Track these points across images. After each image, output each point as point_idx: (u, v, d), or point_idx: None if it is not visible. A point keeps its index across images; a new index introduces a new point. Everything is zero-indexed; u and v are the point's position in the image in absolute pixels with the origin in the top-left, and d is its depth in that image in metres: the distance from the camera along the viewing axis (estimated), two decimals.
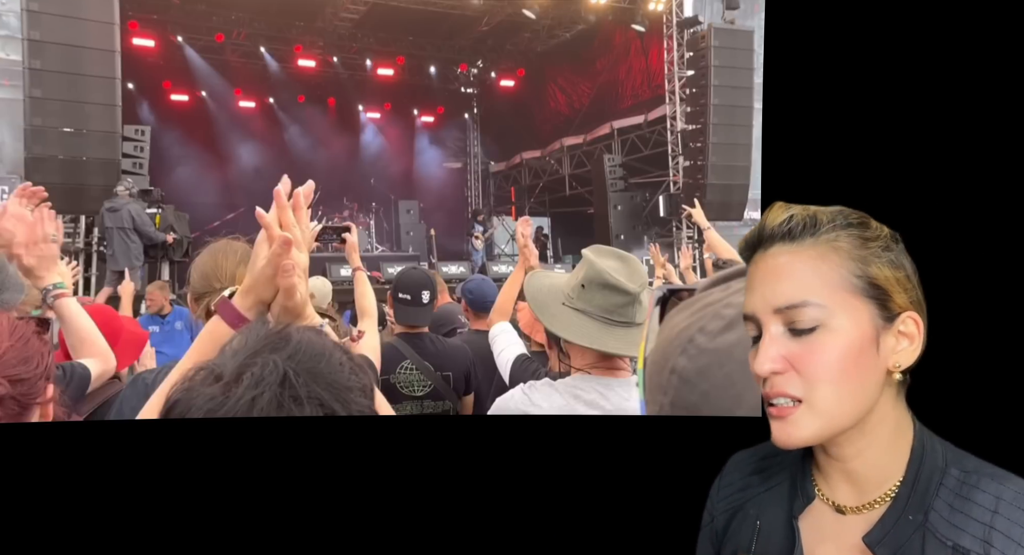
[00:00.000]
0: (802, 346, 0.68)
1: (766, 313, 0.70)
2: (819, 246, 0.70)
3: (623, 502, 1.16)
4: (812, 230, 0.70)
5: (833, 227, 0.70)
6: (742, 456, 0.87)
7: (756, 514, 0.80)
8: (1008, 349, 0.85)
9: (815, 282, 0.69)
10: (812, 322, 0.68)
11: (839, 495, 0.74)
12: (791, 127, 0.88)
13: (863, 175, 0.84)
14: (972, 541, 0.67)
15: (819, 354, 0.68)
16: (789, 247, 0.71)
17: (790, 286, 0.69)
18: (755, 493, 0.82)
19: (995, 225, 0.84)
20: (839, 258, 0.69)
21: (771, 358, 0.68)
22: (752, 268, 0.74)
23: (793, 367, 0.68)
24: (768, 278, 0.71)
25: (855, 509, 0.73)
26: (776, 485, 0.81)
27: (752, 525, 0.80)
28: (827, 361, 0.68)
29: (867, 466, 0.72)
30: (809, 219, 0.71)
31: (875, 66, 0.86)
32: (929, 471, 0.71)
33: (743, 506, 0.83)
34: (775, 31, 0.89)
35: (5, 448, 1.06)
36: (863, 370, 0.69)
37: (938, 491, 0.70)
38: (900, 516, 0.70)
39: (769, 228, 0.72)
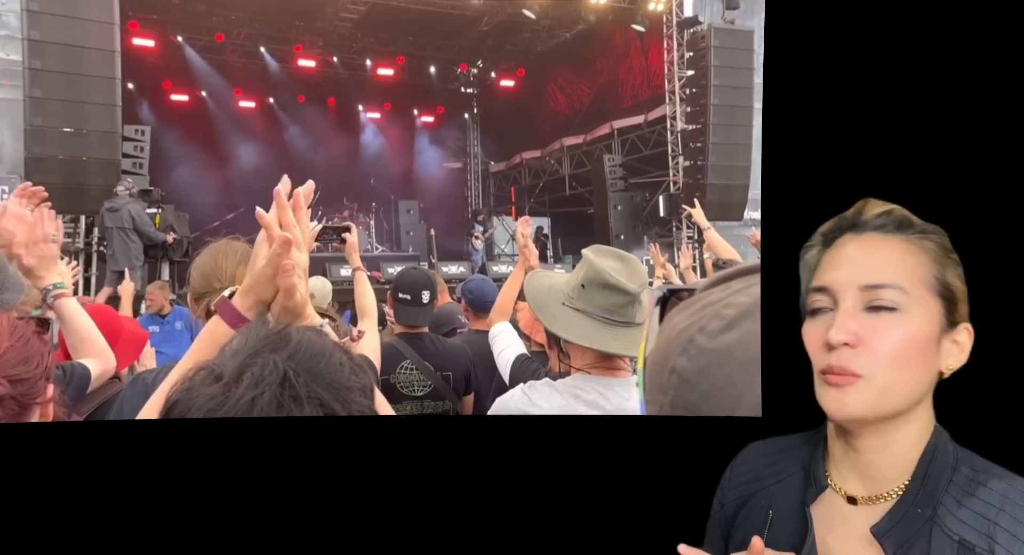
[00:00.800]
0: (877, 323, 0.71)
1: (850, 288, 0.73)
2: (908, 242, 0.74)
3: (623, 502, 1.16)
4: (905, 229, 0.75)
5: (923, 231, 0.75)
6: (755, 447, 0.89)
7: (767, 504, 0.82)
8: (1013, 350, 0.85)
9: (901, 269, 0.73)
10: (892, 303, 0.71)
11: (851, 486, 0.77)
12: (791, 127, 0.88)
13: (863, 175, 0.84)
14: (977, 536, 0.68)
15: (892, 334, 0.71)
16: (883, 236, 0.75)
17: (880, 267, 0.73)
18: (767, 484, 0.84)
19: (996, 225, 0.84)
20: (925, 257, 0.74)
21: (847, 330, 0.71)
22: (837, 248, 0.77)
23: (863, 342, 0.71)
24: (859, 256, 0.75)
25: (866, 500, 0.75)
26: (789, 476, 0.83)
27: (764, 514, 0.82)
28: (897, 342, 0.71)
29: (886, 460, 0.75)
30: (904, 220, 0.75)
31: (876, 66, 0.86)
32: (940, 468, 0.73)
33: (754, 496, 0.85)
34: (775, 31, 0.89)
35: (5, 448, 1.06)
36: (924, 362, 0.72)
37: (947, 487, 0.72)
38: (909, 509, 0.72)
39: (866, 217, 0.76)
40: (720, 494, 0.90)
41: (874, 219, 0.76)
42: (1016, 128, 0.83)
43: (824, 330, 0.73)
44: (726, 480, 0.90)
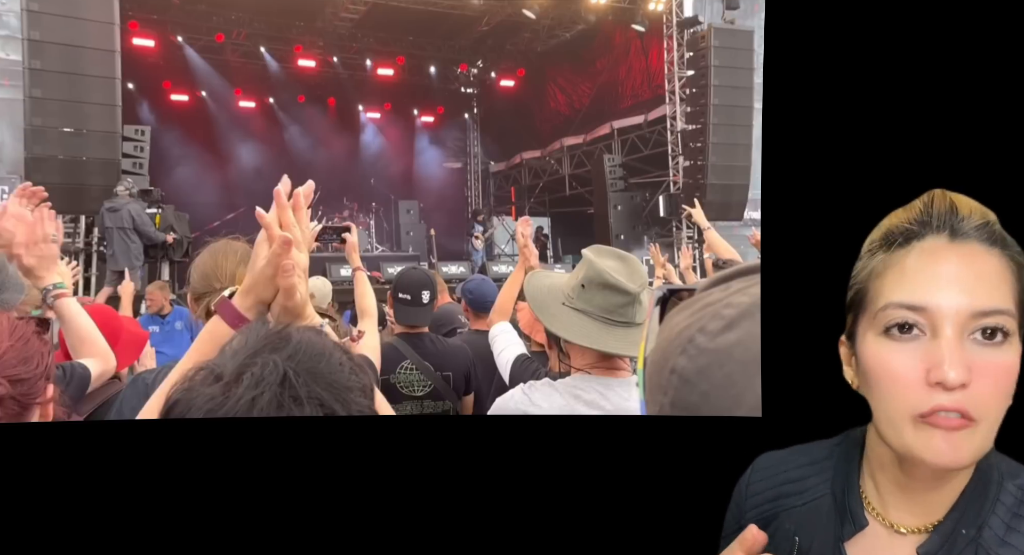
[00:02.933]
0: (987, 356, 0.62)
1: (958, 313, 0.62)
2: (1005, 258, 0.65)
3: (623, 502, 1.15)
4: (1002, 241, 0.66)
5: (1016, 249, 0.67)
6: (772, 460, 0.83)
7: (792, 529, 0.76)
8: None
9: (1008, 291, 0.64)
10: (1005, 331, 0.63)
11: (895, 515, 0.70)
12: (791, 127, 0.88)
13: (864, 175, 0.84)
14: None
15: (999, 369, 0.62)
16: (989, 248, 0.65)
17: (991, 288, 0.63)
18: (790, 504, 0.78)
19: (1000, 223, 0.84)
20: (1019, 276, 0.66)
21: (962, 366, 0.61)
22: (925, 255, 0.66)
23: (973, 379, 0.62)
24: (965, 277, 0.64)
25: (916, 531, 0.69)
26: (815, 500, 0.76)
27: (790, 540, 0.76)
28: (1003, 377, 0.63)
29: (940, 492, 0.69)
30: (1000, 232, 0.66)
31: (876, 66, 0.86)
32: (985, 485, 0.68)
33: (777, 516, 0.78)
34: (775, 31, 0.89)
35: (5, 448, 1.06)
36: (1012, 394, 0.64)
37: (994, 507, 0.67)
38: (955, 529, 0.67)
39: (970, 223, 0.66)
40: (735, 509, 0.83)
41: (977, 226, 0.66)
42: (1018, 128, 0.83)
43: (917, 360, 0.63)
44: (742, 496, 0.83)
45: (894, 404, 0.65)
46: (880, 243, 0.69)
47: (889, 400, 0.65)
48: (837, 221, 0.78)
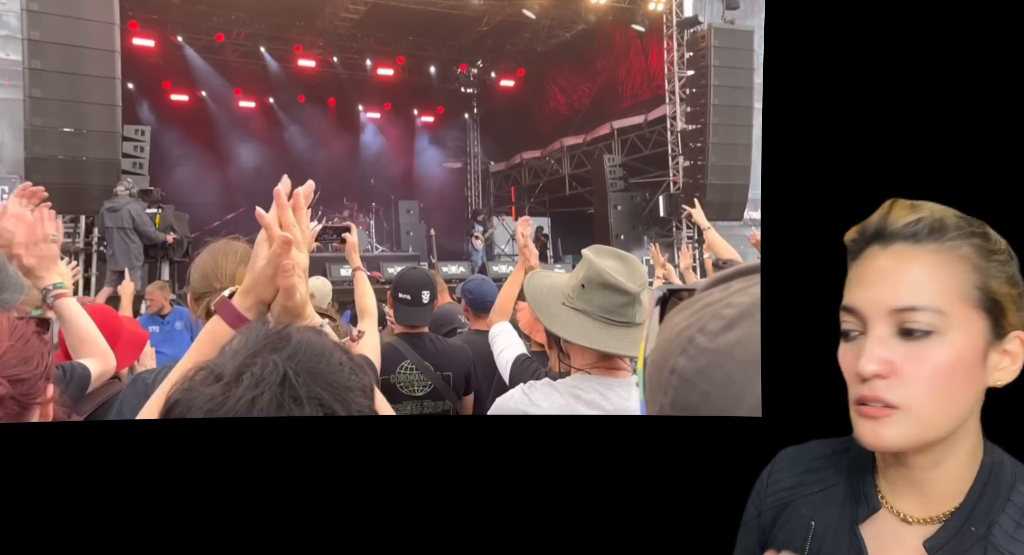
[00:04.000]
0: (911, 351, 0.66)
1: (878, 312, 0.67)
2: (942, 252, 0.68)
3: (623, 502, 1.15)
4: (937, 235, 0.68)
5: (959, 234, 0.68)
6: (791, 453, 0.85)
7: (809, 515, 0.79)
8: None
9: (935, 287, 0.67)
10: (927, 327, 0.66)
11: (905, 505, 0.73)
12: (791, 127, 0.88)
13: (864, 175, 0.84)
14: None
15: (928, 362, 0.66)
16: (911, 248, 0.68)
17: (910, 287, 0.67)
18: (807, 492, 0.81)
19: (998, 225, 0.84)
20: (962, 266, 0.67)
21: (877, 359, 0.66)
22: (863, 263, 0.71)
23: (896, 372, 0.66)
24: (887, 276, 0.68)
25: (921, 520, 0.71)
26: (831, 487, 0.79)
27: (805, 525, 0.78)
28: (935, 371, 0.66)
29: (941, 479, 0.71)
30: (936, 224, 0.68)
31: (876, 66, 0.86)
32: (997, 484, 0.70)
33: (793, 503, 0.81)
34: (775, 31, 0.89)
35: (5, 448, 1.06)
36: (967, 385, 0.67)
37: (1004, 506, 0.69)
38: (963, 526, 0.69)
39: (893, 225, 0.69)
40: (756, 499, 0.86)
41: (902, 228, 0.69)
42: (1017, 127, 0.83)
43: (856, 356, 0.68)
44: (763, 485, 0.86)
45: (850, 396, 0.70)
46: (848, 255, 0.74)
47: (849, 392, 0.70)
48: (837, 221, 0.78)
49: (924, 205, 0.70)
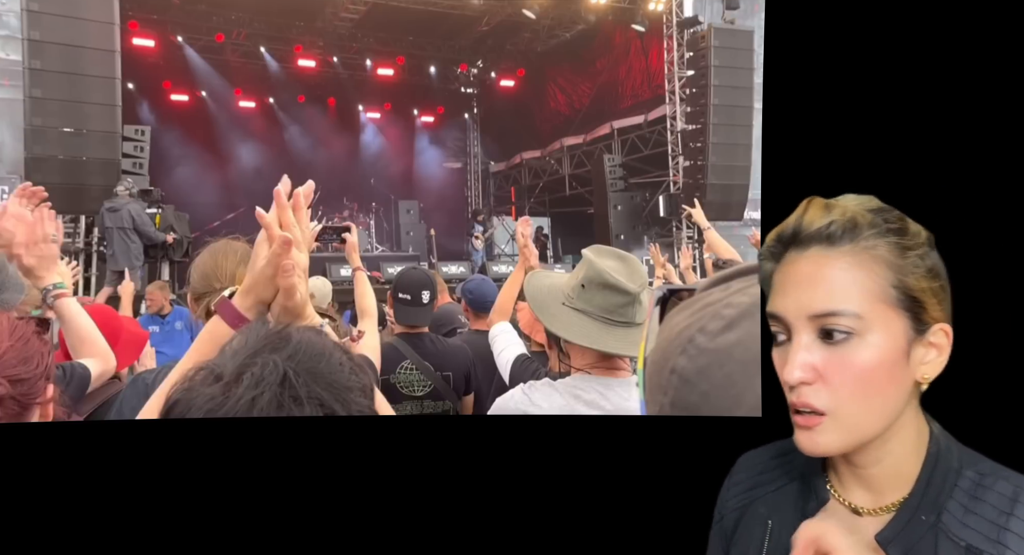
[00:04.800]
0: (833, 355, 0.67)
1: (798, 319, 0.68)
2: (857, 253, 0.68)
3: (623, 502, 1.16)
4: (851, 235, 0.68)
5: (873, 234, 0.68)
6: (751, 455, 0.87)
7: (766, 513, 0.80)
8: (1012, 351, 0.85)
9: (852, 290, 0.67)
10: (846, 330, 0.67)
11: (855, 497, 0.74)
12: (791, 127, 0.88)
13: (864, 175, 0.84)
14: (985, 542, 0.66)
15: (849, 366, 0.66)
16: (826, 251, 0.69)
17: (826, 293, 0.67)
18: (765, 492, 0.82)
19: (997, 225, 0.84)
20: (877, 267, 0.68)
21: (800, 366, 0.67)
22: (784, 268, 0.72)
23: (822, 377, 0.67)
24: (803, 283, 0.69)
25: (871, 512, 0.72)
26: (787, 484, 0.80)
27: (763, 524, 0.79)
28: (857, 374, 0.66)
29: (885, 472, 0.72)
30: (849, 224, 0.69)
31: (876, 66, 0.86)
32: (943, 472, 0.70)
33: (752, 504, 0.82)
34: (775, 31, 0.89)
35: (5, 448, 1.06)
36: (893, 383, 0.68)
37: (952, 492, 0.69)
38: (913, 515, 0.70)
39: (807, 230, 0.70)
40: (720, 505, 0.87)
41: (815, 232, 0.69)
42: (1016, 127, 0.83)
43: (784, 363, 0.69)
44: (725, 489, 0.87)
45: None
46: (767, 258, 0.74)
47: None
48: None
49: (838, 204, 0.70)
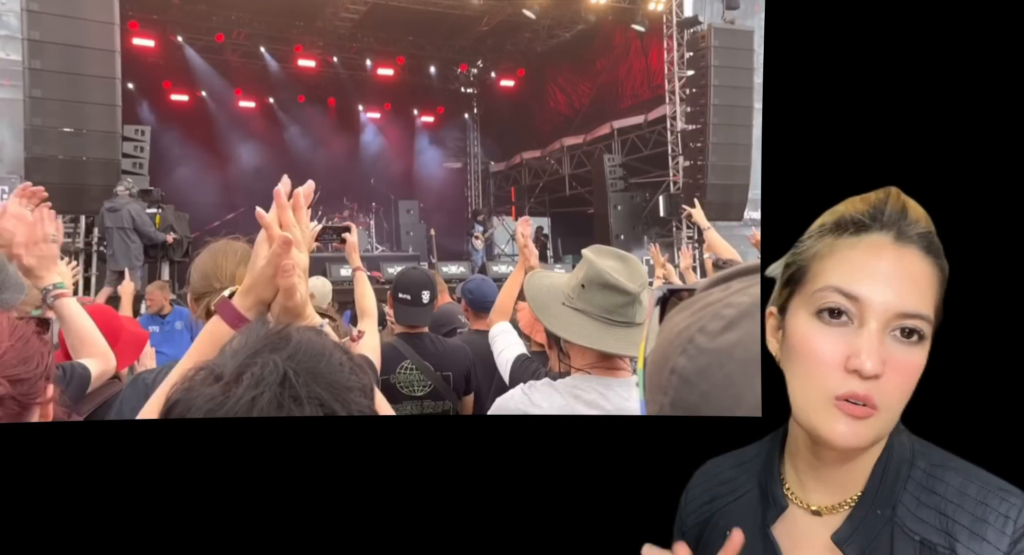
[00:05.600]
0: (900, 354, 0.67)
1: (885, 310, 0.67)
2: (936, 268, 0.69)
3: (623, 502, 1.16)
4: (938, 252, 0.70)
5: (944, 259, 0.70)
6: (708, 467, 0.86)
7: (725, 525, 0.78)
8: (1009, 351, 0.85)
9: (932, 299, 0.69)
10: (921, 335, 0.67)
11: (813, 497, 0.73)
12: (791, 127, 0.88)
13: (864, 175, 0.84)
14: (937, 534, 0.66)
15: (911, 368, 0.67)
16: (922, 256, 0.69)
17: (920, 294, 0.68)
18: (723, 504, 0.81)
19: (997, 225, 0.84)
20: (940, 285, 0.70)
21: (881, 359, 0.66)
22: (871, 249, 0.69)
23: (886, 373, 0.66)
24: (900, 276, 0.68)
25: (830, 509, 0.72)
26: (744, 493, 0.79)
27: (722, 535, 0.77)
28: (912, 377, 0.67)
29: (849, 469, 0.72)
30: (936, 240, 0.70)
31: (876, 66, 0.86)
32: (897, 464, 0.71)
33: (711, 518, 0.81)
34: (775, 31, 0.89)
35: (5, 448, 1.06)
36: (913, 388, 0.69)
37: (906, 484, 0.70)
38: (868, 511, 0.69)
39: (916, 228, 0.70)
40: (679, 522, 0.86)
41: (922, 234, 0.70)
42: (1016, 127, 0.83)
43: (841, 345, 0.67)
44: (682, 506, 0.86)
45: (812, 383, 0.68)
46: (831, 228, 0.72)
47: (808, 378, 0.69)
48: None
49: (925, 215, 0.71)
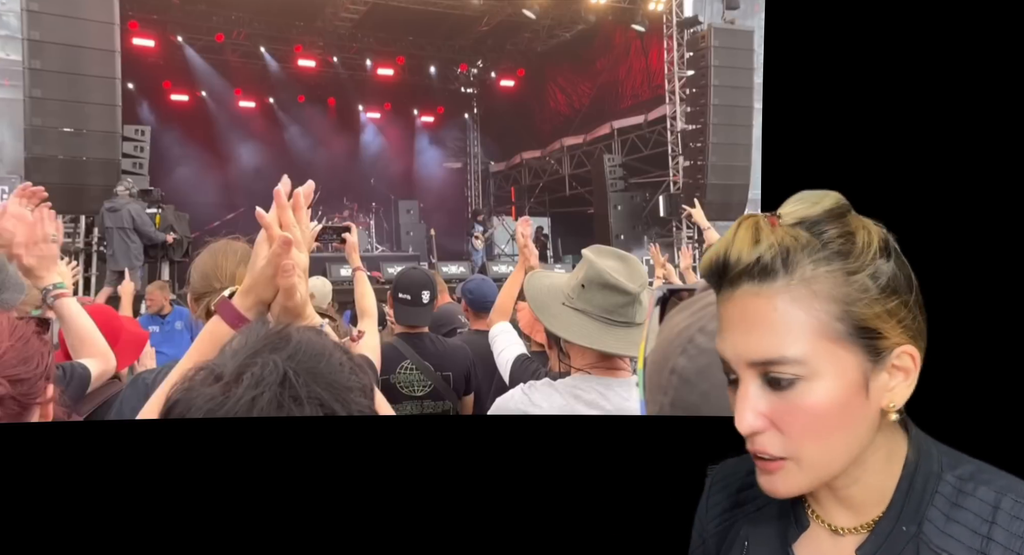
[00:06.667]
0: (782, 402, 0.62)
1: (739, 364, 0.64)
2: (793, 288, 0.62)
3: (623, 502, 1.15)
4: (785, 268, 0.62)
5: (811, 262, 0.62)
6: (726, 470, 0.84)
7: (745, 535, 0.77)
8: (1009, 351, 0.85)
9: (792, 333, 0.61)
10: (790, 376, 0.62)
11: (834, 517, 0.71)
12: (791, 127, 0.88)
13: (863, 175, 0.84)
14: (968, 552, 0.63)
15: (800, 412, 0.62)
16: (758, 289, 0.62)
17: (763, 338, 0.62)
18: (744, 512, 0.79)
19: (996, 225, 0.84)
20: (817, 302, 0.61)
21: (748, 417, 0.63)
22: (722, 304, 0.66)
23: (774, 424, 0.63)
24: (739, 326, 0.64)
25: (852, 530, 0.69)
26: (766, 505, 0.77)
27: (741, 546, 0.77)
28: (810, 418, 0.62)
29: (863, 491, 0.68)
30: (781, 255, 0.62)
31: (875, 66, 0.86)
32: (924, 478, 0.67)
33: (734, 525, 0.79)
34: (775, 31, 0.89)
35: (5, 448, 1.06)
36: (851, 420, 0.63)
37: (932, 499, 0.66)
38: (894, 527, 0.66)
39: (736, 267, 0.63)
40: (699, 525, 0.84)
41: (745, 268, 0.63)
42: (1015, 127, 0.83)
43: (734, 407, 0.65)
44: (703, 511, 0.83)
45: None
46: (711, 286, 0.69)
47: None
48: None
49: (768, 230, 0.63)
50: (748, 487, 0.79)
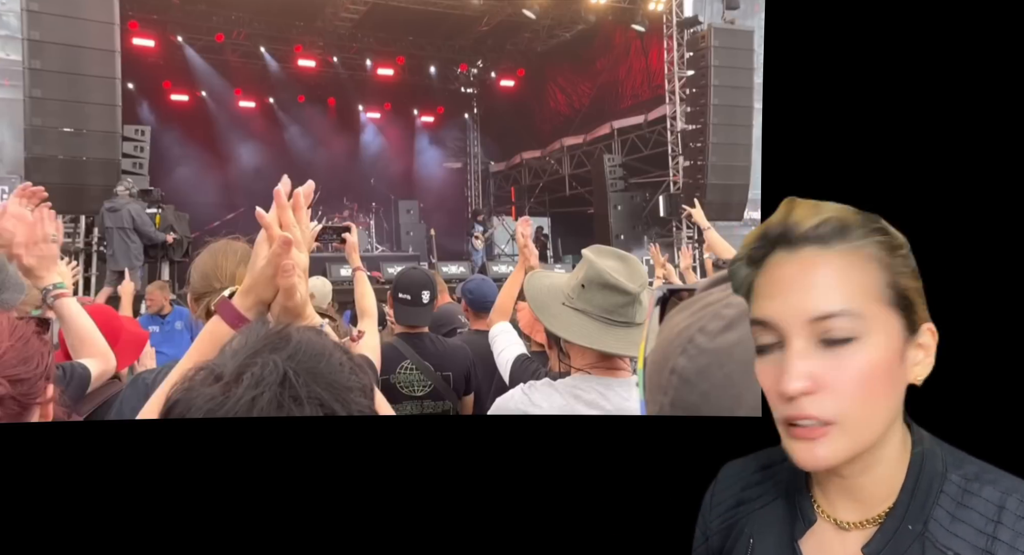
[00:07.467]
0: (834, 361, 0.64)
1: (796, 323, 0.64)
2: (850, 253, 0.66)
3: (623, 502, 1.16)
4: (842, 235, 0.66)
5: (863, 233, 0.66)
6: (733, 469, 0.84)
7: (750, 532, 0.77)
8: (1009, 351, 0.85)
9: (850, 290, 0.64)
10: (847, 333, 0.64)
11: (841, 512, 0.71)
12: (791, 127, 0.88)
13: (863, 175, 0.84)
14: (973, 551, 0.64)
15: (853, 370, 0.63)
16: (821, 251, 0.66)
17: (826, 294, 0.64)
18: (750, 509, 0.79)
19: (996, 225, 0.84)
20: (871, 266, 0.65)
21: (802, 375, 0.63)
22: (770, 271, 0.68)
23: (822, 386, 0.64)
24: (799, 283, 0.65)
25: (858, 524, 0.70)
26: (771, 502, 0.77)
27: (746, 543, 0.77)
28: (860, 378, 0.63)
29: (873, 482, 0.69)
30: (840, 224, 0.66)
31: (875, 66, 0.86)
32: (929, 477, 0.68)
33: (738, 523, 0.80)
34: (775, 31, 0.89)
35: (5, 448, 1.06)
36: (892, 386, 0.66)
37: (938, 499, 0.67)
38: (899, 525, 0.67)
39: (799, 228, 0.67)
40: (702, 522, 0.84)
41: (809, 230, 0.66)
42: (1014, 127, 0.83)
43: (776, 373, 0.65)
44: (707, 508, 0.84)
45: (775, 415, 0.68)
46: (744, 261, 0.71)
47: (773, 411, 0.68)
48: None
49: (825, 205, 0.68)
50: (754, 485, 0.80)
